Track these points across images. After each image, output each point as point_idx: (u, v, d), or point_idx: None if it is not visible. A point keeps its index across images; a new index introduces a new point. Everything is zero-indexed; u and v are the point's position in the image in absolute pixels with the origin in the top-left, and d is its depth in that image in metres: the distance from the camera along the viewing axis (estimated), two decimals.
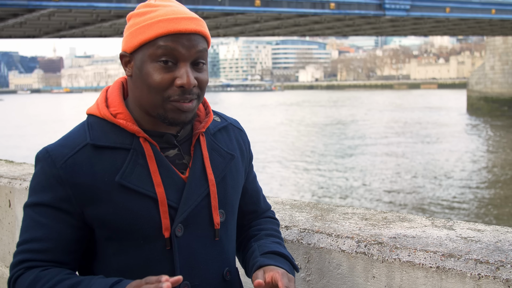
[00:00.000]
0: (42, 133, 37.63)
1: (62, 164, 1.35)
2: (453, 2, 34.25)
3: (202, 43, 1.38)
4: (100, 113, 1.42)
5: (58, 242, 1.35)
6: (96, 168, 1.35)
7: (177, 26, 1.34)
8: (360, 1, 30.71)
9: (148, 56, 1.35)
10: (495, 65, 46.52)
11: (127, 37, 1.39)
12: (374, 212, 2.14)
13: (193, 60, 1.37)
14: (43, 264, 1.34)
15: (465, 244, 1.66)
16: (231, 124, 1.62)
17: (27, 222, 1.37)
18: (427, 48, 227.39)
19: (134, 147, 1.39)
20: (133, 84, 1.40)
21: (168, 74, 1.35)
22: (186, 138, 1.48)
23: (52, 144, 1.41)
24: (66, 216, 1.36)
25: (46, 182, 1.36)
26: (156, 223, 1.37)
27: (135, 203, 1.36)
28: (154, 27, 1.34)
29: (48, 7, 23.86)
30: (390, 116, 47.21)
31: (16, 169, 3.44)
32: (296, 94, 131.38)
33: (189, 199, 1.41)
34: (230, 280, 1.51)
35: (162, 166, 1.40)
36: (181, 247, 1.40)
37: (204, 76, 1.40)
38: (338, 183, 18.50)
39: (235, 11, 28.29)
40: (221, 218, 1.47)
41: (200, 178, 1.44)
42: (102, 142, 1.38)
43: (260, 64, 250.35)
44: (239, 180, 1.56)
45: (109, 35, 36.06)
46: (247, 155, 1.62)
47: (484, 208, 14.99)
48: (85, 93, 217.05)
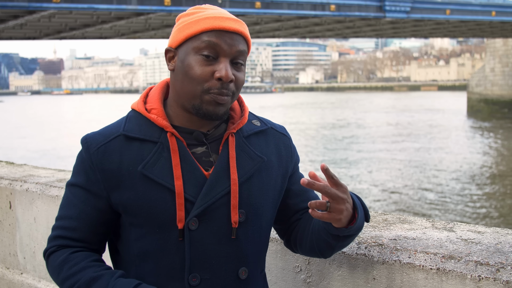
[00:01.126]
0: (43, 134, 37.65)
1: (95, 151, 1.47)
2: (454, 4, 34.29)
3: (242, 44, 1.47)
4: (138, 107, 1.53)
5: (86, 223, 1.48)
6: (124, 157, 1.46)
7: (221, 24, 1.43)
8: (360, 3, 30.75)
9: (192, 49, 1.44)
10: (495, 67, 46.54)
11: (174, 33, 1.49)
12: (375, 213, 2.14)
13: (233, 58, 1.45)
14: (73, 244, 1.48)
15: (466, 246, 1.66)
16: (272, 129, 1.63)
17: (64, 199, 1.53)
18: (427, 50, 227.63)
19: (161, 141, 1.47)
20: (175, 78, 1.49)
21: (209, 67, 1.43)
22: (217, 138, 1.52)
23: (92, 132, 1.52)
24: (94, 199, 1.47)
25: (82, 165, 1.49)
26: (171, 214, 1.43)
27: (154, 193, 1.43)
28: (201, 22, 1.44)
29: (49, 8, 23.87)
30: (390, 118, 47.22)
31: (17, 170, 3.44)
32: (296, 96, 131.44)
33: (207, 195, 1.45)
34: (247, 280, 1.52)
35: (185, 161, 1.46)
36: (193, 240, 1.44)
37: (241, 76, 1.48)
38: None
39: (235, 13, 28.26)
40: (240, 218, 1.48)
41: (222, 176, 1.47)
42: (134, 133, 1.48)
43: (261, 66, 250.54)
44: (271, 184, 1.56)
45: (110, 37, 36.09)
46: (289, 160, 1.63)
47: (484, 210, 14.99)
48: (85, 95, 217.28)
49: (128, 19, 28.47)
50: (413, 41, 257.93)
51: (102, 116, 49.84)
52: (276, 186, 1.58)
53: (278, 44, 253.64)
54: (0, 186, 3.14)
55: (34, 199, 2.91)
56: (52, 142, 32.52)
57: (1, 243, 3.19)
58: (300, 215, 1.67)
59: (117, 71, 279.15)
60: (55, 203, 2.78)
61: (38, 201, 2.89)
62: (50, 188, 2.86)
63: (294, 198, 1.65)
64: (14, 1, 23.04)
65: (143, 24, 31.01)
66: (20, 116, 66.08)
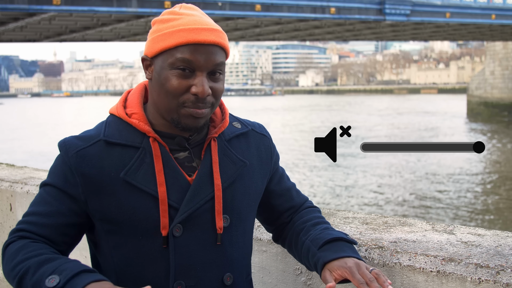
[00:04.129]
0: (43, 136, 37.63)
1: (73, 154, 1.43)
2: (453, 7, 34.30)
3: (220, 55, 1.42)
4: (117, 112, 1.50)
5: (56, 221, 1.42)
6: (105, 163, 1.42)
7: (196, 37, 1.38)
8: (360, 6, 30.76)
9: (167, 63, 1.39)
10: (495, 70, 46.55)
11: (149, 42, 1.45)
12: (375, 216, 2.14)
13: (210, 71, 1.41)
14: (36, 238, 1.41)
15: (466, 249, 1.66)
16: (253, 130, 1.63)
17: (36, 198, 1.47)
18: (427, 53, 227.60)
19: (144, 146, 1.44)
20: (152, 88, 1.47)
21: (185, 81, 1.39)
22: (199, 142, 1.51)
23: (70, 136, 1.49)
24: (69, 200, 1.43)
25: (60, 168, 1.45)
26: (155, 221, 1.41)
27: (137, 199, 1.41)
28: (175, 35, 1.39)
29: (49, 11, 23.88)
30: (390, 121, 47.21)
31: (17, 172, 3.44)
32: (296, 98, 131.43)
33: (191, 201, 1.43)
34: (232, 286, 1.51)
35: (168, 166, 1.44)
36: (178, 246, 1.42)
37: (219, 86, 1.44)
38: (338, 187, 18.50)
39: (235, 15, 28.33)
40: (224, 223, 1.48)
41: (206, 182, 1.46)
42: (114, 139, 1.45)
43: (261, 68, 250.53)
44: (252, 187, 1.56)
45: (110, 39, 36.09)
46: (268, 161, 1.63)
47: (484, 212, 14.98)
48: (85, 97, 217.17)
49: (128, 22, 28.48)
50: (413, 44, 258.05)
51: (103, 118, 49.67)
52: (257, 189, 1.58)
53: (278, 47, 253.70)
54: (0, 188, 3.14)
55: None
56: (52, 144, 32.44)
57: (1, 246, 3.19)
58: (285, 218, 1.68)
59: (117, 74, 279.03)
60: None
61: None
62: None
63: (277, 199, 1.67)
64: (14, 4, 23.05)
65: (143, 26, 31.02)
66: (20, 118, 66.05)
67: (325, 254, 1.48)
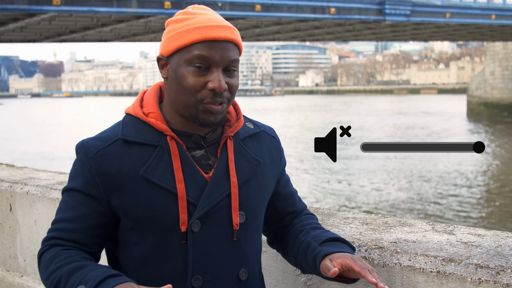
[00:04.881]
0: (43, 137, 37.65)
1: (93, 155, 1.46)
2: (453, 7, 34.31)
3: (234, 51, 1.47)
4: (134, 112, 1.53)
5: (84, 224, 1.46)
6: (124, 161, 1.46)
7: (212, 34, 1.42)
8: (360, 6, 30.76)
9: (183, 60, 1.44)
10: (495, 71, 46.55)
11: (164, 41, 1.49)
12: (375, 216, 2.14)
13: (225, 67, 1.45)
14: (67, 244, 1.46)
15: (466, 249, 1.66)
16: (264, 132, 1.67)
17: (61, 205, 1.51)
18: (427, 53, 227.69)
19: (161, 144, 1.48)
20: (169, 86, 1.50)
21: (201, 77, 1.43)
22: (215, 141, 1.55)
23: (89, 138, 1.52)
24: (93, 202, 1.47)
25: (80, 170, 1.48)
26: (174, 217, 1.45)
27: (156, 196, 1.44)
28: (191, 33, 1.43)
29: (49, 11, 23.89)
30: (390, 121, 47.21)
31: (17, 173, 3.44)
32: (296, 99, 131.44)
33: (209, 198, 1.47)
34: (247, 281, 1.55)
35: (186, 164, 1.47)
36: (196, 242, 1.46)
37: (234, 81, 1.48)
38: (338, 187, 18.50)
39: (235, 16, 28.34)
40: (240, 219, 1.52)
41: (222, 179, 1.50)
42: (133, 138, 1.48)
43: (260, 69, 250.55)
44: (266, 186, 1.60)
45: (110, 40, 36.09)
46: (278, 162, 1.68)
47: (484, 213, 14.98)
48: (85, 98, 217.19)
49: (128, 22, 28.49)
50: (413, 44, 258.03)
51: (103, 119, 49.81)
52: (269, 188, 1.63)
53: (278, 47, 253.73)
54: (0, 189, 3.14)
55: (35, 202, 2.91)
56: (53, 144, 32.52)
57: (1, 246, 3.20)
58: (286, 221, 1.73)
59: (117, 74, 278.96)
60: (55, 205, 2.78)
61: (38, 204, 2.89)
62: (50, 190, 2.86)
63: (282, 201, 1.71)
64: (14, 4, 23.06)
65: (143, 27, 31.04)
66: (20, 118, 66.06)
67: (327, 248, 1.52)
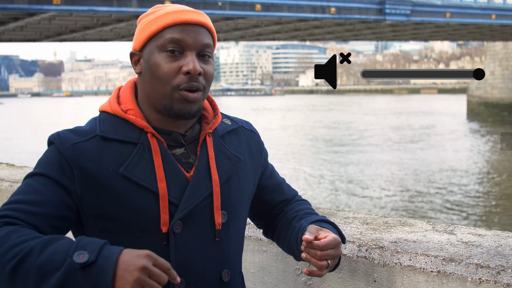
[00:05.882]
0: (43, 136, 37.60)
1: (70, 146, 1.38)
2: (454, 7, 34.30)
3: (207, 36, 1.45)
4: (111, 109, 1.47)
5: (47, 211, 1.32)
6: (103, 158, 1.39)
7: (183, 17, 1.42)
8: (360, 6, 30.76)
9: (155, 47, 1.42)
10: (495, 70, 46.54)
11: (136, 35, 1.48)
12: (375, 216, 2.14)
13: (199, 51, 1.43)
14: (23, 225, 1.29)
15: (466, 249, 1.66)
16: (242, 127, 1.64)
17: (22, 187, 1.37)
18: (427, 53, 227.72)
19: (142, 142, 1.42)
20: (142, 80, 1.47)
21: (175, 62, 1.40)
22: (194, 138, 1.51)
23: (63, 130, 1.44)
24: (63, 192, 1.36)
25: (55, 158, 1.38)
26: (155, 217, 1.38)
27: (137, 195, 1.38)
28: (161, 19, 1.42)
29: (49, 11, 23.89)
30: (390, 121, 47.21)
31: (17, 172, 3.44)
32: (296, 98, 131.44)
33: (190, 197, 1.42)
34: (229, 282, 1.50)
35: (167, 162, 1.42)
36: (178, 243, 1.41)
37: (209, 69, 1.45)
38: (338, 187, 18.50)
39: (235, 15, 28.33)
40: (222, 219, 1.47)
41: (204, 178, 1.45)
42: (111, 135, 1.42)
43: (261, 68, 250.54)
44: (247, 183, 1.57)
45: (110, 39, 36.09)
46: (259, 157, 1.65)
47: (484, 212, 14.98)
48: (85, 97, 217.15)
49: (129, 22, 28.47)
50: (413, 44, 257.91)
51: None
52: (250, 185, 1.59)
53: (278, 47, 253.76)
54: (1, 188, 3.14)
55: None
56: None
57: None
58: (277, 210, 1.70)
59: (117, 73, 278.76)
60: None
61: None
62: None
63: (270, 194, 1.68)
64: (14, 3, 23.06)
65: None
66: (21, 118, 66.07)
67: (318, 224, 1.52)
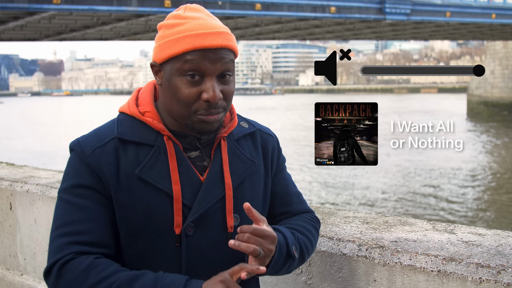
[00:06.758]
0: (43, 136, 37.65)
1: (90, 153, 1.40)
2: (454, 6, 34.29)
3: (228, 55, 1.41)
4: (129, 111, 1.48)
5: (100, 223, 1.37)
6: (120, 160, 1.41)
7: (203, 42, 1.36)
8: (360, 5, 30.76)
9: (175, 70, 1.39)
10: (495, 70, 46.54)
11: (156, 48, 1.44)
12: (375, 216, 2.14)
13: (219, 74, 1.40)
14: (93, 250, 1.34)
15: (466, 248, 1.66)
16: (259, 130, 1.63)
17: (63, 206, 1.39)
18: (427, 52, 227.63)
19: (158, 144, 1.44)
20: (163, 93, 1.46)
21: (195, 88, 1.38)
22: (209, 142, 1.51)
23: (83, 136, 1.46)
24: (102, 197, 1.39)
25: (80, 168, 1.41)
26: (169, 219, 1.40)
27: (151, 197, 1.40)
28: (181, 42, 1.37)
29: (49, 10, 23.89)
30: (389, 120, 47.18)
31: (17, 172, 3.44)
32: (296, 97, 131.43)
33: (203, 200, 1.43)
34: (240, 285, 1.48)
35: (182, 165, 1.44)
36: (190, 245, 1.42)
37: (230, 88, 1.43)
38: (338, 186, 18.50)
39: (235, 14, 28.33)
40: (235, 222, 1.48)
41: (217, 181, 1.46)
42: (128, 137, 1.44)
43: (260, 67, 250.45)
44: (260, 187, 1.56)
45: (110, 38, 36.09)
46: (274, 161, 1.63)
47: (485, 212, 14.98)
48: (85, 96, 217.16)
49: (128, 21, 28.48)
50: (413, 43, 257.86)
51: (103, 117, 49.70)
52: (265, 189, 1.58)
53: (278, 46, 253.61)
54: (0, 187, 3.14)
55: (35, 200, 2.91)
56: (53, 143, 32.51)
57: (1, 244, 3.19)
58: (276, 222, 1.64)
59: (117, 73, 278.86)
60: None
61: (38, 203, 2.89)
62: (50, 189, 2.86)
63: (274, 200, 1.63)
64: (14, 2, 23.06)
65: (143, 25, 31.02)
66: (20, 117, 66.05)
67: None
